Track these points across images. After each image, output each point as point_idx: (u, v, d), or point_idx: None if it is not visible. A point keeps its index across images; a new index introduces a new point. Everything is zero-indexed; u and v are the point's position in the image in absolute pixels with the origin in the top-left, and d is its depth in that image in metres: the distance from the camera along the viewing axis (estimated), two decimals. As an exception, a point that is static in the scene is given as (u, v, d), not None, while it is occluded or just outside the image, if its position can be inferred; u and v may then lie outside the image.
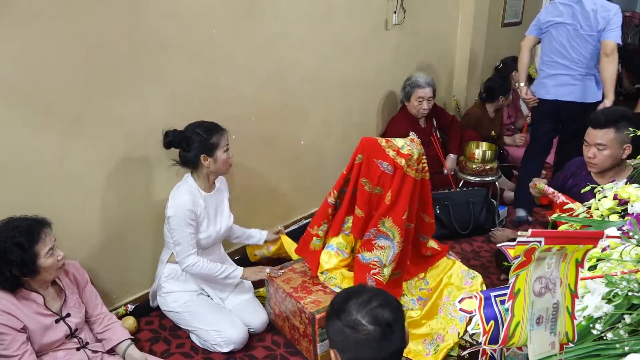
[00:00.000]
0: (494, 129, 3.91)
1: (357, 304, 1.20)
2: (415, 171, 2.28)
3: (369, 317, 1.17)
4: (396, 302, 1.24)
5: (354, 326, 1.16)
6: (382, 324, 1.15)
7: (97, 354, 1.96)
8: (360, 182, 2.31)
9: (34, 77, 1.92)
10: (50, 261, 1.77)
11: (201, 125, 2.22)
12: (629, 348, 0.83)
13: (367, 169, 2.29)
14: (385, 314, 1.17)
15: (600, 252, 1.09)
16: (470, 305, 1.01)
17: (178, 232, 2.18)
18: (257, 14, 2.61)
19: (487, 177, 3.37)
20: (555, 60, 3.13)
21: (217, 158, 2.23)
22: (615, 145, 2.20)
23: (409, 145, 2.28)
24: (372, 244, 2.29)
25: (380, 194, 2.28)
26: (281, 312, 2.31)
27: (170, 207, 2.20)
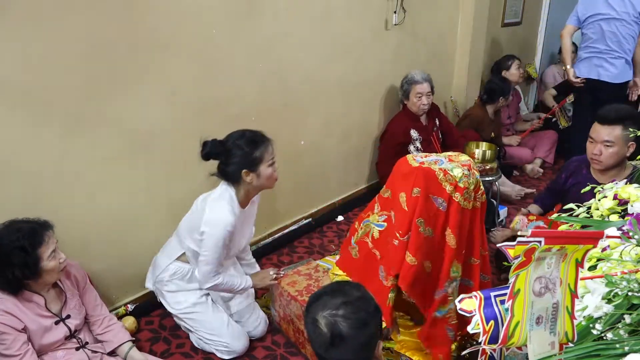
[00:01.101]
0: (494, 130, 3.91)
1: (326, 303, 1.26)
2: (473, 202, 1.97)
3: (326, 321, 1.24)
4: (367, 319, 1.25)
5: (313, 322, 1.26)
6: (335, 333, 1.22)
7: (97, 354, 1.96)
8: (416, 223, 1.93)
9: (34, 77, 1.92)
10: (52, 264, 1.76)
11: (243, 136, 2.03)
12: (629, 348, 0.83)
13: (423, 207, 1.92)
14: (343, 326, 1.22)
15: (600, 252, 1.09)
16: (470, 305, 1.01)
17: (211, 252, 2.02)
18: (257, 14, 2.61)
19: (487, 177, 3.37)
20: (592, 46, 3.68)
21: (261, 173, 2.04)
22: (622, 143, 2.19)
23: (467, 176, 1.93)
24: (447, 297, 2.01)
25: (431, 236, 1.95)
26: (286, 315, 2.31)
27: (210, 224, 2.00)
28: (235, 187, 2.08)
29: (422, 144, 3.45)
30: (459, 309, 1.02)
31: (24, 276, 1.73)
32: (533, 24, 5.36)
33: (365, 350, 1.25)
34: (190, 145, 2.45)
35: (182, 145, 2.45)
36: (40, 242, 1.73)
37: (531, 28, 5.35)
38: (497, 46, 4.73)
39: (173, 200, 2.48)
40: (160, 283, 2.26)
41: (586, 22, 3.68)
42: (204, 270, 2.06)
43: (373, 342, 1.28)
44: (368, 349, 1.26)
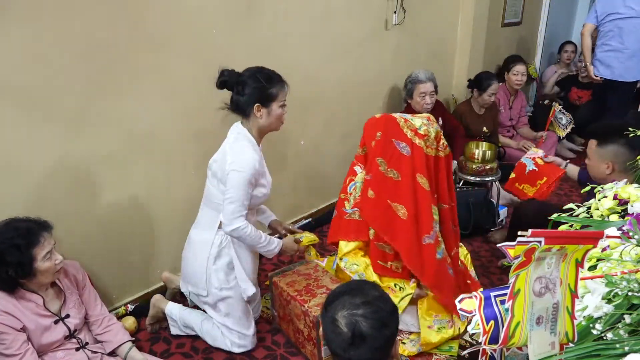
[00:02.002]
0: (485, 125, 3.89)
1: (346, 303, 1.26)
2: (435, 150, 2.19)
3: (346, 320, 1.23)
4: (387, 319, 1.25)
5: (332, 321, 1.25)
6: (356, 333, 1.21)
7: (97, 354, 1.96)
8: (376, 161, 2.18)
9: (34, 77, 1.92)
10: (47, 265, 1.75)
11: (261, 71, 2.01)
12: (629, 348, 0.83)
13: (383, 148, 2.17)
14: (363, 326, 1.22)
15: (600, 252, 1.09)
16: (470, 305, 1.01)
17: (237, 190, 1.96)
18: (257, 14, 2.62)
19: (487, 177, 3.37)
20: (608, 43, 3.93)
21: (272, 111, 2.03)
22: (595, 158, 2.19)
23: (426, 125, 2.17)
24: (438, 237, 2.20)
25: (397, 179, 2.14)
26: (285, 315, 2.31)
27: (235, 162, 1.96)
28: (246, 124, 2.06)
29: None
30: (458, 309, 1.02)
31: (17, 275, 1.72)
32: (533, 24, 5.36)
33: (384, 350, 1.25)
34: (190, 145, 2.46)
35: (182, 145, 2.45)
36: (35, 242, 1.72)
37: (531, 28, 5.35)
38: (497, 46, 4.73)
39: (173, 200, 2.48)
40: (212, 260, 2.12)
41: (604, 20, 3.90)
42: (228, 209, 1.98)
43: (391, 342, 1.28)
44: (387, 348, 1.26)
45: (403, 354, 2.22)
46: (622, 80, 3.95)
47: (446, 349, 2.26)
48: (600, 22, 3.94)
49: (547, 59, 5.79)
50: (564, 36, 6.00)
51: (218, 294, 2.17)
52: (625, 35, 3.84)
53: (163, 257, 2.56)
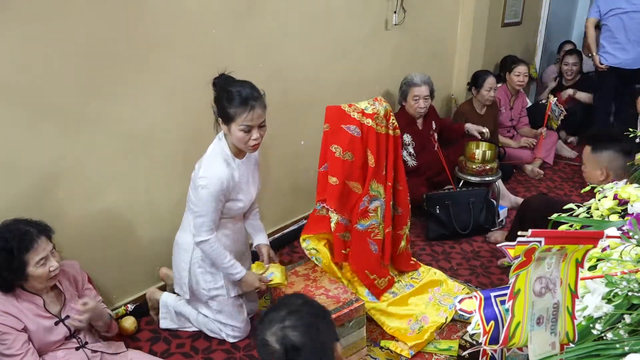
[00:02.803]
0: (486, 125, 3.89)
1: (272, 319, 1.23)
2: (386, 128, 2.31)
3: (276, 337, 1.20)
4: (316, 322, 1.23)
5: (263, 345, 1.21)
6: (288, 346, 1.18)
7: (97, 354, 1.96)
8: (330, 150, 2.30)
9: (34, 77, 1.92)
10: (40, 271, 1.73)
11: (233, 86, 1.94)
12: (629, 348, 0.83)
13: (335, 136, 2.29)
14: (293, 336, 1.19)
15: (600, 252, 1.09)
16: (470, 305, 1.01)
17: (205, 205, 1.99)
18: (257, 14, 2.61)
19: (487, 177, 3.37)
20: (613, 37, 4.18)
21: (232, 132, 1.96)
22: (591, 164, 2.21)
23: (372, 105, 2.30)
24: (367, 211, 2.33)
25: (352, 160, 2.28)
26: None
27: (204, 178, 1.96)
28: (226, 136, 2.04)
29: (415, 149, 3.43)
30: (458, 309, 1.02)
31: (10, 278, 1.71)
32: (533, 24, 5.37)
33: (321, 354, 1.22)
34: (190, 145, 2.46)
35: (182, 145, 2.45)
36: (28, 248, 1.70)
37: (531, 28, 5.35)
38: (497, 46, 4.73)
39: (173, 199, 2.48)
40: (196, 263, 2.17)
41: (607, 15, 4.17)
42: (196, 222, 2.04)
43: (328, 346, 1.25)
44: (324, 353, 1.23)
45: (402, 354, 2.22)
46: (628, 68, 4.21)
47: (446, 349, 2.26)
48: (603, 17, 4.20)
49: (547, 59, 5.79)
50: (564, 36, 6.00)
51: (207, 294, 2.22)
52: (629, 29, 4.09)
53: (163, 257, 2.56)
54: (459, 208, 3.20)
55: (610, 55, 4.26)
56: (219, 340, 2.34)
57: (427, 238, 3.20)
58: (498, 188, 3.47)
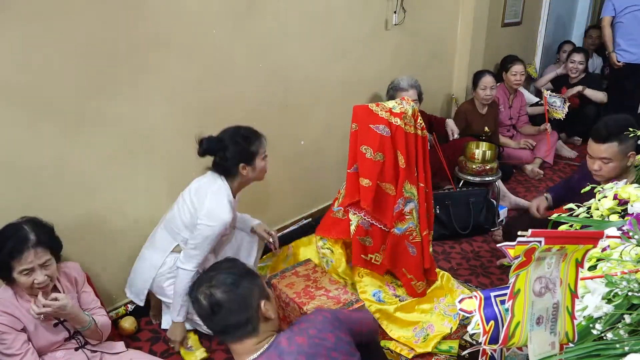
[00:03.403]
0: (487, 125, 3.89)
1: (200, 281, 1.43)
2: (414, 128, 2.26)
3: (203, 295, 1.38)
4: (235, 282, 1.39)
5: (195, 301, 1.41)
6: (212, 302, 1.36)
7: (96, 354, 1.96)
8: (360, 150, 2.25)
9: (34, 77, 1.92)
10: (24, 280, 1.70)
11: (238, 132, 2.13)
12: (629, 348, 0.83)
13: (365, 136, 2.25)
14: (216, 293, 1.37)
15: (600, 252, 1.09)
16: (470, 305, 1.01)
17: (203, 243, 2.08)
18: (257, 14, 2.61)
19: (487, 177, 3.37)
20: (628, 33, 4.35)
21: (256, 167, 2.16)
22: (620, 157, 2.14)
23: (400, 104, 2.27)
24: (403, 214, 2.29)
25: (383, 160, 2.23)
26: (284, 317, 2.31)
27: (210, 217, 2.06)
28: (229, 179, 2.16)
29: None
30: (459, 309, 1.02)
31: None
32: (533, 24, 5.36)
33: (245, 311, 1.37)
34: (190, 145, 2.45)
35: (182, 145, 2.45)
36: (14, 255, 1.67)
37: (531, 28, 5.35)
38: (497, 46, 4.73)
39: (173, 199, 2.47)
40: (161, 279, 2.23)
41: (622, 12, 4.32)
42: (190, 253, 2.10)
43: (250, 302, 1.38)
44: (247, 308, 1.37)
45: (402, 353, 2.22)
46: None
47: (446, 349, 2.26)
48: (618, 14, 4.36)
49: (547, 59, 5.79)
50: (564, 36, 6.00)
51: None
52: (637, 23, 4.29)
53: (163, 257, 2.56)
54: (459, 208, 3.20)
55: (626, 52, 4.38)
56: (219, 340, 2.34)
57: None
58: (498, 188, 3.47)
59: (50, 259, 1.75)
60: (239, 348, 1.39)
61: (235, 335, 1.38)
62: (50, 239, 1.76)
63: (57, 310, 1.75)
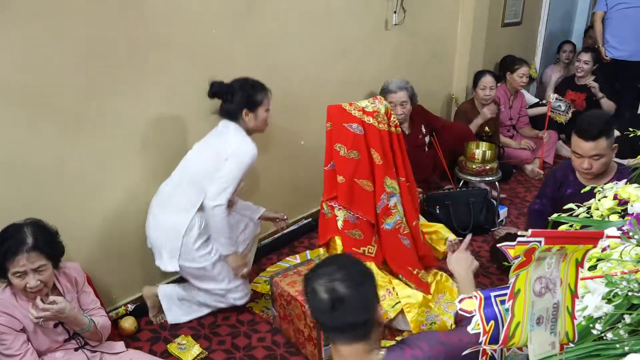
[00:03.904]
0: (487, 124, 3.89)
1: (322, 272, 1.32)
2: (387, 125, 2.33)
3: (325, 287, 1.29)
4: (360, 281, 1.31)
5: (312, 292, 1.31)
6: (334, 296, 1.27)
7: (96, 354, 1.96)
8: (335, 149, 2.31)
9: (34, 77, 1.92)
10: (17, 282, 1.70)
11: (247, 81, 2.28)
12: (629, 348, 0.83)
13: (338, 134, 2.31)
14: (341, 287, 1.27)
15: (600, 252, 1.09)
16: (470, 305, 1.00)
17: (234, 174, 2.17)
18: (257, 14, 2.62)
19: (487, 177, 3.37)
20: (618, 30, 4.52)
21: (258, 115, 2.28)
22: (608, 151, 2.18)
23: (372, 103, 2.33)
24: (389, 208, 2.33)
25: (357, 158, 2.29)
26: (286, 315, 2.31)
27: (240, 149, 2.19)
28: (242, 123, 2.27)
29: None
30: (459, 309, 1.02)
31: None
32: (533, 24, 5.36)
33: (365, 311, 1.29)
34: (190, 145, 2.46)
35: (182, 145, 2.45)
36: (7, 257, 1.67)
37: (531, 28, 5.35)
38: (497, 46, 4.73)
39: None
40: (189, 242, 2.22)
41: (613, 8, 4.49)
42: (219, 187, 2.16)
43: (371, 304, 1.32)
44: (367, 310, 1.30)
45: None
46: (632, 60, 4.51)
47: (446, 349, 2.26)
48: (610, 10, 4.52)
49: (547, 59, 5.79)
50: (564, 36, 6.00)
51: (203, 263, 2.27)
52: (633, 23, 4.41)
53: (163, 257, 2.56)
54: (459, 208, 3.20)
55: (614, 48, 4.55)
56: (219, 340, 2.35)
57: (427, 238, 3.20)
58: (498, 188, 3.47)
59: (45, 264, 1.73)
60: (346, 350, 1.30)
61: (349, 335, 1.29)
62: (48, 245, 1.74)
63: (55, 314, 1.74)
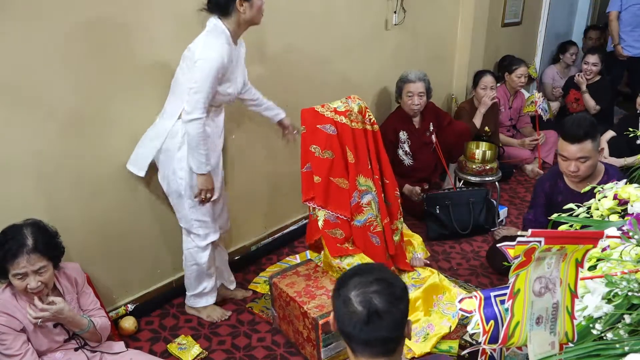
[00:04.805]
0: (487, 124, 3.89)
1: (358, 282, 1.22)
2: (362, 123, 2.36)
3: (361, 298, 1.20)
4: (400, 293, 1.23)
5: (345, 302, 1.21)
6: (371, 310, 1.18)
7: (96, 354, 1.95)
8: (310, 150, 2.33)
9: (34, 76, 1.92)
10: (17, 283, 1.70)
11: None
12: (629, 348, 0.83)
13: (312, 137, 2.33)
14: (378, 301, 1.19)
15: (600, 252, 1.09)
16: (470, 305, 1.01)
17: (203, 81, 2.02)
18: (257, 14, 2.61)
19: (487, 177, 3.37)
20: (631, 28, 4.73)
21: (253, 4, 2.10)
22: (595, 153, 2.20)
23: (345, 103, 2.37)
24: (360, 206, 2.38)
25: (332, 158, 2.32)
26: (285, 316, 2.31)
27: (204, 53, 2.03)
28: (227, 20, 2.11)
29: (410, 147, 3.41)
30: (459, 309, 1.02)
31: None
32: (533, 24, 5.36)
33: (399, 328, 1.22)
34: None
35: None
36: (7, 259, 1.67)
37: (531, 28, 5.35)
38: (497, 46, 4.73)
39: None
40: (171, 148, 2.16)
41: (627, 8, 4.69)
42: (192, 98, 2.05)
43: (405, 319, 1.25)
44: (401, 326, 1.23)
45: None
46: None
47: (446, 349, 2.26)
48: (624, 10, 4.71)
49: (547, 59, 5.78)
50: (564, 36, 5.99)
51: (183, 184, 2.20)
52: None
53: (163, 257, 2.56)
54: (459, 208, 3.20)
55: (630, 47, 4.74)
56: (219, 340, 2.35)
57: (427, 238, 3.19)
58: (498, 188, 3.46)
59: (46, 265, 1.72)
60: None
61: (375, 350, 1.22)
62: (48, 246, 1.74)
63: (54, 315, 1.74)
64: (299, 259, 2.96)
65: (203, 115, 2.07)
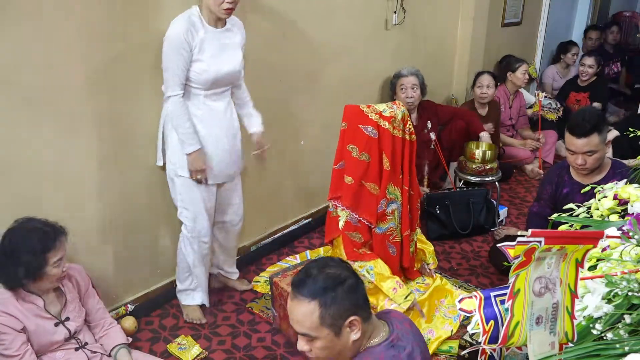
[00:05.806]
0: (488, 125, 3.89)
1: None
2: (402, 132, 2.32)
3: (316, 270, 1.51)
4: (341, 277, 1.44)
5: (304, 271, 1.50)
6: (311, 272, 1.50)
7: (96, 354, 1.96)
8: (347, 149, 2.29)
9: (34, 76, 1.92)
10: (55, 271, 1.76)
11: None
12: (629, 348, 0.83)
13: (352, 136, 2.29)
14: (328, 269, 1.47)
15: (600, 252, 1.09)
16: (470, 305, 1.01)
17: (168, 58, 2.07)
18: (257, 14, 2.61)
19: (487, 177, 3.37)
20: None
21: None
22: (602, 147, 2.20)
23: (390, 108, 2.30)
24: (385, 214, 2.34)
25: (368, 161, 2.28)
26: (285, 316, 2.30)
27: (167, 31, 2.08)
28: (201, 4, 2.12)
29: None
30: (459, 309, 1.02)
31: (25, 276, 1.72)
32: (533, 24, 5.36)
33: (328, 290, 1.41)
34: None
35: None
36: (50, 247, 1.73)
37: (531, 28, 5.35)
38: (497, 46, 4.73)
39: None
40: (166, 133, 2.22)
41: None
42: (164, 77, 2.11)
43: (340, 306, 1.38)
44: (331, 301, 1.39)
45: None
46: None
47: (446, 349, 2.26)
48: None
49: (547, 59, 5.79)
50: (564, 36, 5.99)
51: (174, 169, 2.22)
52: None
53: (163, 257, 2.56)
54: (459, 208, 3.20)
55: None
56: (219, 340, 2.35)
57: (427, 238, 3.19)
58: (498, 188, 3.46)
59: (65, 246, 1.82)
60: None
61: None
62: (59, 229, 1.81)
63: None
64: (299, 259, 2.95)
65: (175, 93, 2.09)
